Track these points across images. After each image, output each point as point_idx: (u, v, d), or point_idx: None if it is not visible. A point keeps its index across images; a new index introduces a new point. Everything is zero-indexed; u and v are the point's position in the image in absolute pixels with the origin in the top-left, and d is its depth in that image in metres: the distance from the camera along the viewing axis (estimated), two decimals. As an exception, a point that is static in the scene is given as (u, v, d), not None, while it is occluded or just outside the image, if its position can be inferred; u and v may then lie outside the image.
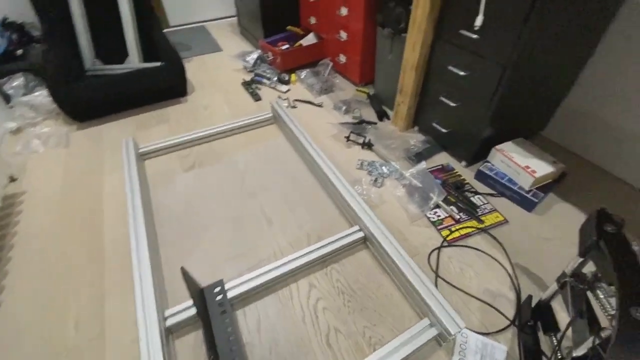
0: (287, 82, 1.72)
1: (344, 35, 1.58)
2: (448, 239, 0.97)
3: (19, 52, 1.63)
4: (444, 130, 1.21)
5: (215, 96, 1.66)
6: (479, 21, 0.77)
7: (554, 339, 0.71)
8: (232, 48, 2.11)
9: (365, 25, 1.42)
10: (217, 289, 0.80)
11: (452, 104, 1.13)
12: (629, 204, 1.06)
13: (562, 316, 0.77)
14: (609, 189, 1.10)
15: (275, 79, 1.73)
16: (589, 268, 0.61)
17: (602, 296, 0.56)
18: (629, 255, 0.49)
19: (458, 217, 1.03)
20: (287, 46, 1.83)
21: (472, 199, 1.09)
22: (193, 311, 0.77)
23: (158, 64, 1.58)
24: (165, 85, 1.58)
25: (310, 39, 1.84)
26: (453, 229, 1.00)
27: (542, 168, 1.04)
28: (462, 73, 1.04)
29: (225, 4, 2.50)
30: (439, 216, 1.03)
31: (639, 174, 1.08)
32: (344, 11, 1.50)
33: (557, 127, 1.28)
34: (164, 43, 1.62)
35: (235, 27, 2.42)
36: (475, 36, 0.95)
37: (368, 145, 1.30)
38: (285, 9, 1.90)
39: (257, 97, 1.63)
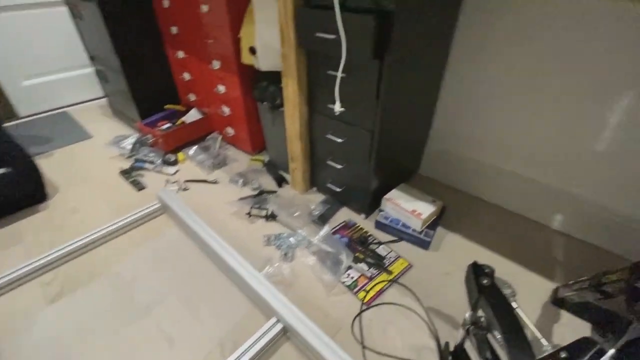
0: (174, 163, 1.61)
1: (226, 110, 1.58)
2: (365, 300, 0.98)
3: None
4: (338, 189, 1.27)
5: (87, 194, 1.43)
6: (337, 107, 0.85)
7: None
8: (104, 134, 1.90)
9: (245, 100, 1.45)
10: None
11: (339, 166, 1.20)
12: (500, 223, 1.26)
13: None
14: (482, 212, 1.30)
15: (160, 161, 1.60)
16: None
17: (498, 337, 0.62)
18: (505, 305, 0.55)
19: (369, 274, 1.05)
20: (168, 125, 1.74)
21: (377, 250, 1.14)
22: None
23: (0, 170, 1.29)
24: (13, 195, 1.29)
25: (193, 115, 1.79)
26: (368, 288, 1.01)
27: (426, 209, 1.17)
28: (339, 140, 1.13)
29: (90, 84, 2.28)
30: (352, 278, 1.04)
31: (504, 197, 1.32)
32: (221, 89, 1.52)
33: (429, 165, 1.48)
34: (4, 142, 1.35)
35: (106, 109, 2.21)
36: (342, 109, 1.06)
37: (272, 217, 1.27)
38: (160, 87, 1.83)
39: (140, 186, 1.46)
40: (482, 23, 1.08)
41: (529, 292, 1.00)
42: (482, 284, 0.57)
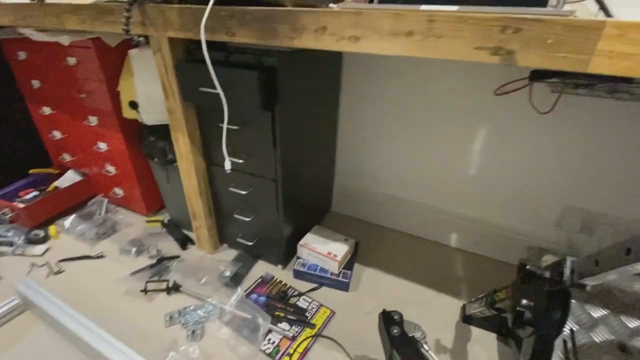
0: (43, 241, 1.30)
1: (112, 169, 1.38)
2: (290, 367, 0.89)
3: None
4: (250, 243, 1.18)
5: None
6: (227, 165, 0.80)
7: None
8: None
9: (132, 157, 1.29)
10: None
11: (247, 219, 1.13)
12: (408, 249, 1.33)
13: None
14: (391, 241, 1.36)
15: (22, 240, 1.28)
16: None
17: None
18: (415, 354, 0.54)
19: (292, 333, 0.97)
20: (34, 194, 1.43)
21: (298, 303, 1.07)
22: None
23: None
24: None
25: (70, 178, 1.52)
26: (291, 350, 0.93)
27: (340, 249, 1.17)
28: (243, 192, 1.07)
29: None
30: (273, 343, 0.94)
31: (409, 223, 1.40)
32: (102, 146, 1.33)
33: (339, 202, 1.52)
34: None
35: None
36: (241, 161, 1.01)
37: (174, 289, 1.10)
38: (21, 149, 1.51)
39: (-11, 280, 1.12)
40: (361, 74, 1.19)
41: (442, 314, 1.05)
42: (392, 335, 0.56)
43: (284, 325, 1.00)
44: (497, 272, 1.22)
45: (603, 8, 0.74)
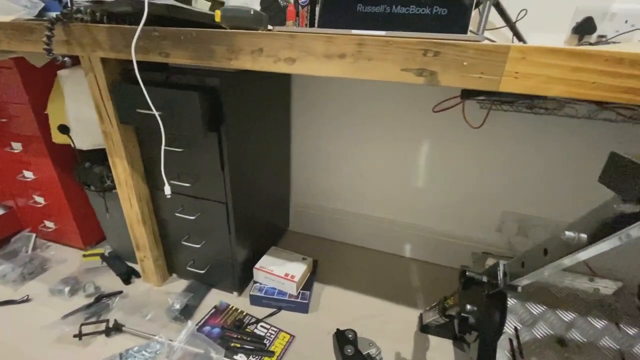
0: (-49, 288, 1.11)
1: (40, 199, 1.24)
2: (247, 402, 0.83)
3: None
4: (201, 271, 1.12)
5: None
6: (167, 191, 0.76)
7: None
8: None
9: (65, 186, 1.17)
10: None
11: (197, 245, 1.07)
12: (366, 263, 1.34)
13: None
14: (349, 257, 1.37)
15: None
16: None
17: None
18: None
19: (248, 364, 0.92)
20: (-59, 233, 1.23)
21: (256, 331, 1.02)
22: None
23: None
24: None
25: (-12, 212, 1.33)
26: (248, 383, 0.87)
27: (298, 269, 1.14)
28: (191, 217, 1.01)
29: None
30: (229, 377, 0.88)
31: (365, 238, 1.42)
32: (29, 175, 1.19)
33: (296, 221, 1.50)
34: None
35: None
36: (187, 184, 0.96)
37: (116, 329, 0.99)
38: None
39: None
40: (310, 92, 1.21)
41: (401, 325, 1.05)
42: (346, 355, 0.55)
43: (241, 356, 0.94)
44: (450, 278, 1.27)
45: (516, 34, 0.84)
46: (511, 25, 0.82)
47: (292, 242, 1.45)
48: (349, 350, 0.56)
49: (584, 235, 0.42)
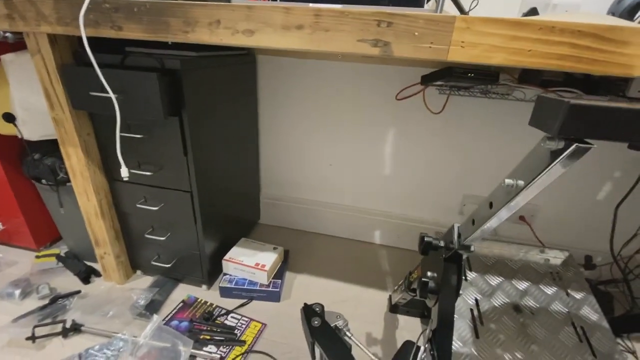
0: None
1: (-16, 198, 1.14)
2: (217, 391, 0.81)
3: None
4: (168, 265, 1.08)
5: None
6: (124, 172, 0.73)
7: None
8: None
9: (12, 181, 1.09)
10: None
11: (162, 238, 1.03)
12: (338, 252, 1.35)
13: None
14: (321, 246, 1.38)
15: None
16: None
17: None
18: (335, 342, 0.54)
19: (220, 354, 0.89)
20: None
21: (226, 322, 1.00)
22: None
23: None
24: None
25: None
26: (218, 373, 0.85)
27: (268, 259, 1.13)
28: (154, 208, 0.97)
29: None
30: (198, 369, 0.86)
31: (336, 227, 1.43)
32: (-31, 171, 1.09)
33: (267, 213, 1.49)
34: None
35: None
36: (149, 173, 0.93)
37: (74, 329, 0.93)
38: None
39: None
40: (275, 78, 1.21)
41: (372, 308, 1.08)
42: (313, 326, 0.55)
43: (211, 347, 0.91)
44: (419, 261, 1.32)
45: (457, 6, 0.88)
46: (464, 15, 0.86)
47: (263, 234, 1.43)
48: (315, 322, 0.56)
49: (521, 182, 0.45)
